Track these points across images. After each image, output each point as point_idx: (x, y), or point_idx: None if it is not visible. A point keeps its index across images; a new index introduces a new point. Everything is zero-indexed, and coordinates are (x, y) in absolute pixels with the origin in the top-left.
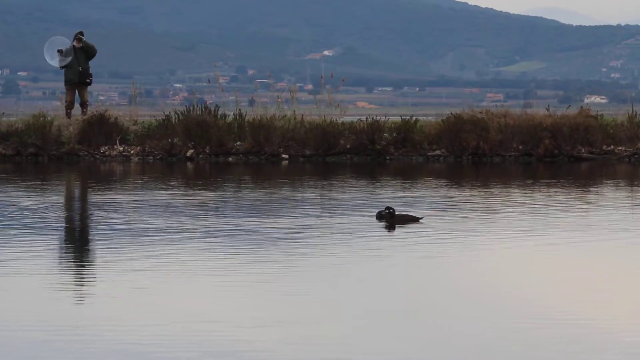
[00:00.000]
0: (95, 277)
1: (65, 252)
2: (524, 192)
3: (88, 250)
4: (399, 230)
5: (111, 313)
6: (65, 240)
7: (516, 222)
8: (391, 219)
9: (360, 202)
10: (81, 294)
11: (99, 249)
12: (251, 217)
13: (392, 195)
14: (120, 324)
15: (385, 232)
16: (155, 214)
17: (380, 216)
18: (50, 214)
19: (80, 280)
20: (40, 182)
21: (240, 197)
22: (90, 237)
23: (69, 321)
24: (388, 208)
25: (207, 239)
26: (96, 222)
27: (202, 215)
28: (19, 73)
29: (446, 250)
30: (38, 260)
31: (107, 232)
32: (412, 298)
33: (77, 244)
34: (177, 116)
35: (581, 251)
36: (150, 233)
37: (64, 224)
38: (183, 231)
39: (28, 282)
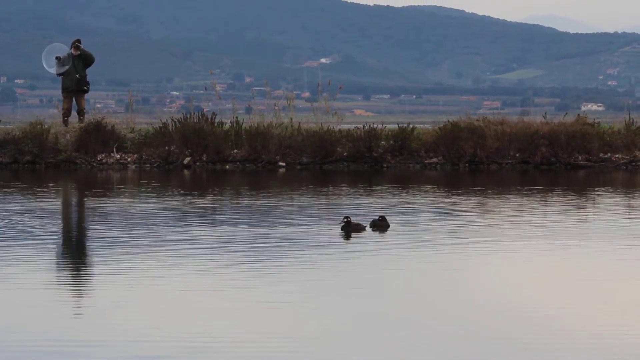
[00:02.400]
0: (91, 288)
1: (61, 262)
2: (519, 199)
3: (83, 260)
4: (381, 238)
5: (108, 325)
6: (60, 250)
7: (506, 229)
8: (347, 228)
9: (353, 209)
10: (77, 306)
11: (94, 259)
12: (245, 225)
13: (383, 203)
14: (117, 337)
15: (361, 240)
16: (149, 223)
17: (373, 224)
18: (45, 222)
19: (76, 291)
20: (36, 190)
21: (235, 206)
22: (85, 247)
23: (64, 335)
24: (346, 217)
25: (203, 249)
26: (92, 231)
27: (196, 224)
28: (16, 80)
29: (425, 258)
30: (32, 269)
31: (102, 240)
32: (396, 305)
33: (72, 254)
34: (174, 124)
35: (575, 259)
36: (146, 243)
37: (59, 233)
38: (178, 241)
39: (22, 293)
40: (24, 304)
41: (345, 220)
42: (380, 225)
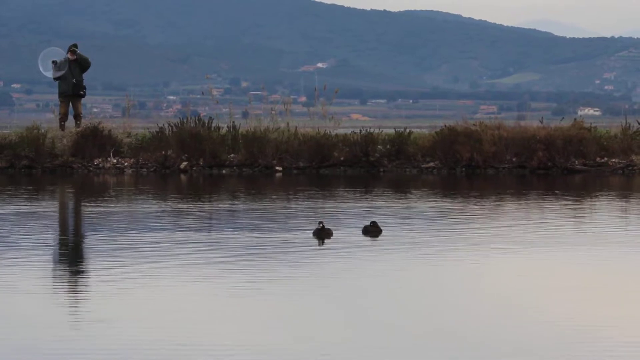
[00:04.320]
0: (88, 294)
1: (56, 268)
2: (515, 204)
3: (78, 266)
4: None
5: (105, 332)
6: (56, 255)
7: (502, 234)
8: (321, 232)
9: (346, 214)
10: (74, 313)
11: (90, 265)
12: (239, 231)
13: (377, 208)
14: (115, 346)
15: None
16: (144, 228)
17: (365, 230)
18: (41, 226)
19: (72, 298)
20: (33, 195)
21: (231, 210)
22: (81, 252)
23: (62, 344)
24: (320, 222)
25: (200, 253)
26: (87, 236)
27: (193, 228)
28: (12, 85)
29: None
30: (28, 275)
31: (98, 245)
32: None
33: (68, 259)
34: (170, 128)
35: (569, 265)
36: (141, 248)
37: (54, 238)
38: (173, 246)
39: (17, 300)
40: (19, 310)
41: (320, 225)
42: (372, 231)
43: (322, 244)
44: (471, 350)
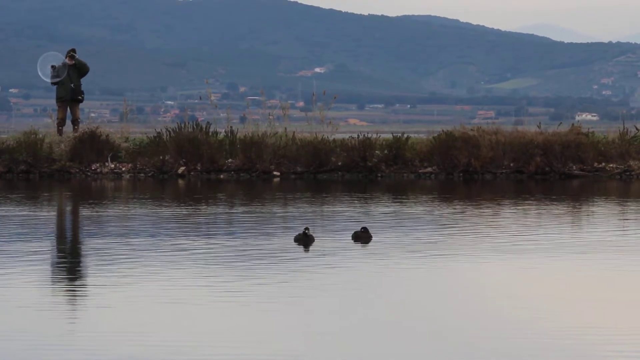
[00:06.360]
0: (85, 302)
1: (54, 274)
2: (512, 209)
3: (77, 273)
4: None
5: (102, 341)
6: (53, 260)
7: (497, 239)
8: (305, 238)
9: (341, 219)
10: (71, 321)
11: (89, 270)
12: (232, 237)
13: (371, 213)
14: (110, 353)
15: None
16: (141, 233)
17: (355, 236)
18: (39, 231)
19: (70, 305)
20: (30, 199)
21: (226, 215)
22: (78, 257)
23: (57, 354)
24: (306, 228)
25: (193, 258)
26: (84, 241)
27: (189, 233)
28: (10, 90)
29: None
30: (25, 282)
31: (95, 252)
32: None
33: (64, 266)
34: (168, 133)
35: (565, 270)
36: (138, 253)
37: (51, 242)
38: (170, 250)
39: (13, 306)
40: (14, 318)
41: (305, 231)
42: (362, 237)
43: (308, 250)
44: (466, 353)
